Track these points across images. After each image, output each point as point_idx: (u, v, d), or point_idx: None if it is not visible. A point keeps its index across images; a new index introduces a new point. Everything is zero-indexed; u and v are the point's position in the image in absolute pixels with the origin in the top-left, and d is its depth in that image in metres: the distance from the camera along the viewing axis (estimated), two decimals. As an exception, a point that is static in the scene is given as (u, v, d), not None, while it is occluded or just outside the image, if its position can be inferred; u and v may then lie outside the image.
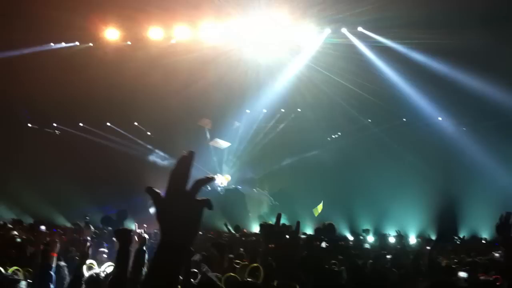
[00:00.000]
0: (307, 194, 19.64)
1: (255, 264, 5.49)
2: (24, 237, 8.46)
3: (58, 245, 5.63)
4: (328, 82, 16.98)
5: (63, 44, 17.25)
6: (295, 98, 18.97)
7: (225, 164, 22.66)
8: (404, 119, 19.60)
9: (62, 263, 5.89)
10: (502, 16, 13.70)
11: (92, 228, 11.30)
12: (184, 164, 2.22)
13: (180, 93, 17.39)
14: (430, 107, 17.45)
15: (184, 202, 2.21)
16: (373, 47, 16.34)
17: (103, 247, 8.31)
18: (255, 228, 17.05)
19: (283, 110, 21.31)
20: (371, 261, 7.71)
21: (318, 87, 17.27)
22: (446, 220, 17.98)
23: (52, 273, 5.31)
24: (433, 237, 16.39)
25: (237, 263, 6.79)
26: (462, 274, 6.54)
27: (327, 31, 16.29)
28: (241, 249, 8.77)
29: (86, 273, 5.39)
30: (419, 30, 14.36)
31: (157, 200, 2.21)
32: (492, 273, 6.24)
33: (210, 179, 2.26)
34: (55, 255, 5.47)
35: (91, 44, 17.46)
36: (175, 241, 2.17)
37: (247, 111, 21.39)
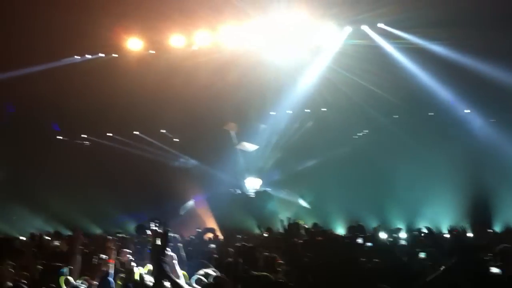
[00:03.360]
0: (337, 193, 19.57)
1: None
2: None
3: (114, 252, 5.73)
4: (350, 83, 16.92)
5: (88, 56, 17.58)
6: (317, 99, 18.93)
7: (253, 167, 22.74)
8: (431, 113, 19.37)
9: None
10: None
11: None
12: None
13: (201, 96, 17.57)
14: (456, 101, 17.26)
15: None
16: (395, 43, 16.24)
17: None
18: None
19: (308, 111, 21.26)
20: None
21: (340, 87, 17.22)
22: (480, 213, 17.71)
23: (111, 279, 5.43)
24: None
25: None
26: (495, 270, 6.40)
27: (348, 29, 16.22)
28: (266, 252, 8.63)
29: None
30: (441, 27, 14.27)
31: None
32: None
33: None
34: (112, 262, 5.58)
35: (115, 55, 17.71)
36: None
37: (272, 113, 21.42)
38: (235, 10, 14.76)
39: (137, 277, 5.73)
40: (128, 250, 7.58)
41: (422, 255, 8.12)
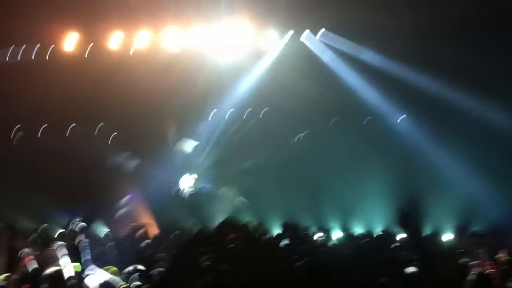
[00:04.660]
0: (274, 193, 19.80)
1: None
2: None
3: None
4: (290, 86, 17.12)
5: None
6: (260, 100, 19.06)
7: (192, 165, 22.62)
8: (367, 119, 19.88)
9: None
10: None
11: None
12: None
13: (141, 98, 17.31)
14: (390, 108, 17.81)
15: None
16: (334, 50, 16.53)
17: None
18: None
19: (250, 109, 21.34)
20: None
21: (281, 91, 17.41)
22: (410, 216, 18.29)
23: None
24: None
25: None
26: (412, 269, 6.77)
27: (289, 34, 16.36)
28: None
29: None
30: (382, 38, 14.65)
31: None
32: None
33: None
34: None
35: (51, 47, 17.09)
36: None
37: (215, 110, 21.38)
38: (176, 13, 14.62)
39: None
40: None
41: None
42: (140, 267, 6.32)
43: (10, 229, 11.30)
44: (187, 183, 21.80)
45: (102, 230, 15.65)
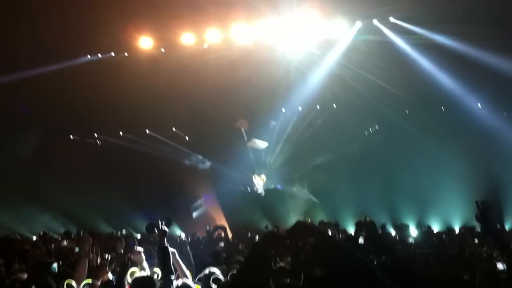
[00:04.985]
0: (347, 190, 19.52)
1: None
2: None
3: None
4: (360, 79, 16.86)
5: (99, 56, 17.67)
6: (327, 95, 18.87)
7: (263, 164, 22.76)
8: (443, 108, 19.20)
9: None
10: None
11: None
12: None
13: (211, 94, 17.59)
14: (468, 95, 17.08)
15: None
16: (406, 38, 16.08)
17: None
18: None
19: (318, 107, 21.21)
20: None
21: (350, 83, 17.17)
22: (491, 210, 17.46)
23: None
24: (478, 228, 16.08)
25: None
26: (500, 266, 6.38)
27: (358, 24, 16.10)
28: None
29: (130, 280, 5.53)
30: (453, 23, 14.15)
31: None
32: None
33: None
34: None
35: (126, 54, 17.80)
36: None
37: (283, 110, 21.42)
38: (246, 7, 14.75)
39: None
40: (140, 249, 7.64)
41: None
42: (215, 270, 6.30)
43: (93, 233, 11.71)
44: (258, 183, 21.97)
45: (179, 232, 15.91)
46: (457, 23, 14.25)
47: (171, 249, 5.72)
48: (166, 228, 5.79)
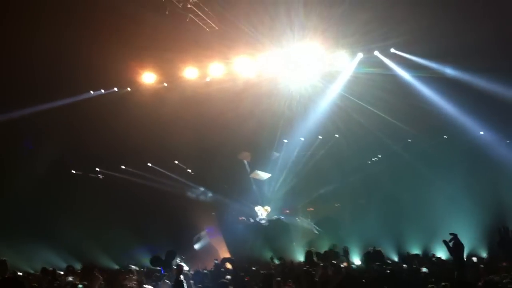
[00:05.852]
0: (350, 219, 19.42)
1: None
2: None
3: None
4: (361, 110, 16.99)
5: (102, 91, 17.81)
6: (329, 127, 18.95)
7: (266, 195, 22.70)
8: (445, 136, 19.26)
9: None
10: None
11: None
12: None
13: (214, 126, 17.69)
14: (470, 122, 17.14)
15: None
16: (406, 67, 16.23)
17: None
18: (301, 258, 16.90)
19: (320, 137, 21.26)
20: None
21: (352, 114, 17.30)
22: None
23: None
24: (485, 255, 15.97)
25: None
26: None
27: (359, 56, 16.27)
28: (290, 280, 8.76)
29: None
30: (454, 53, 14.34)
31: None
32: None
33: None
34: None
35: (128, 89, 17.95)
36: None
37: (285, 141, 21.46)
38: (249, 41, 14.92)
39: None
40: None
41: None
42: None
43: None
44: (262, 213, 21.86)
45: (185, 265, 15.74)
46: (458, 53, 14.41)
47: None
48: (183, 263, 5.81)
